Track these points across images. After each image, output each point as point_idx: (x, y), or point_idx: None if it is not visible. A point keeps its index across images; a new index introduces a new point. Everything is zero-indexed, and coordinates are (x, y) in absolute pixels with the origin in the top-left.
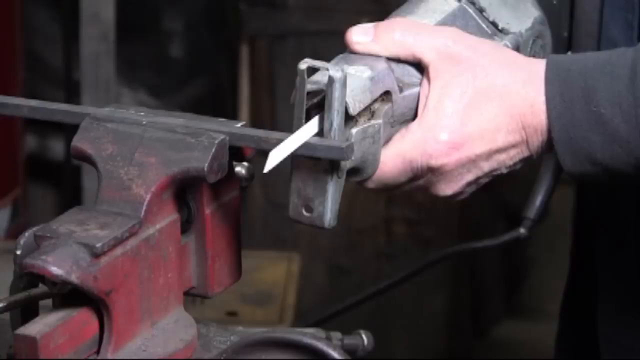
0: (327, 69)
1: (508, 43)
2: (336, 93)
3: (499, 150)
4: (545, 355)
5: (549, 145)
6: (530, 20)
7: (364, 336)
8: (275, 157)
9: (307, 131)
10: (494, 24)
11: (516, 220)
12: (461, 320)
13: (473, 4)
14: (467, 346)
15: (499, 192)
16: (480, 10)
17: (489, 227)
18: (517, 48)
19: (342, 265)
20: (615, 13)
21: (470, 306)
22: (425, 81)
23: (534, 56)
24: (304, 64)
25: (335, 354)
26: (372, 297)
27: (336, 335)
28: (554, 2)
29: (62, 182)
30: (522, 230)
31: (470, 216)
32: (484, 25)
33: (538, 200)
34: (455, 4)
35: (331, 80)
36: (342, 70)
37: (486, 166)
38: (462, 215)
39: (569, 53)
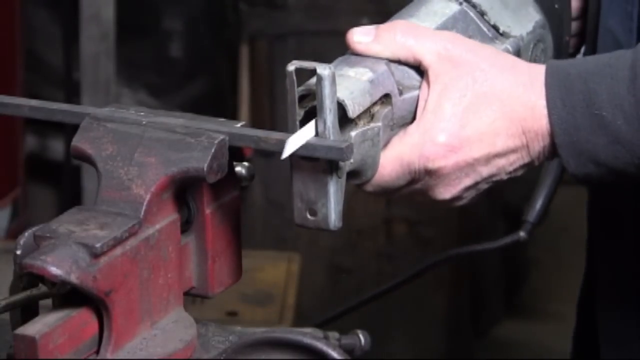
0: (315, 69)
1: (509, 47)
2: (325, 91)
3: (498, 155)
4: (545, 355)
5: (550, 150)
6: (531, 23)
7: (361, 336)
8: (292, 145)
9: (309, 130)
10: (495, 28)
11: (516, 220)
12: (461, 320)
13: (474, 7)
14: (467, 346)
15: (499, 192)
16: (482, 14)
17: (489, 227)
18: (518, 52)
19: (342, 265)
20: (614, 3)
21: (470, 306)
22: (424, 84)
23: (535, 60)
24: (291, 66)
25: (335, 354)
26: (370, 300)
27: (334, 335)
28: (556, 5)
29: (62, 182)
30: (522, 234)
31: (470, 216)
32: (484, 29)
33: (538, 204)
34: (456, 7)
35: (319, 78)
36: (330, 68)
37: (485, 171)
38: (462, 215)
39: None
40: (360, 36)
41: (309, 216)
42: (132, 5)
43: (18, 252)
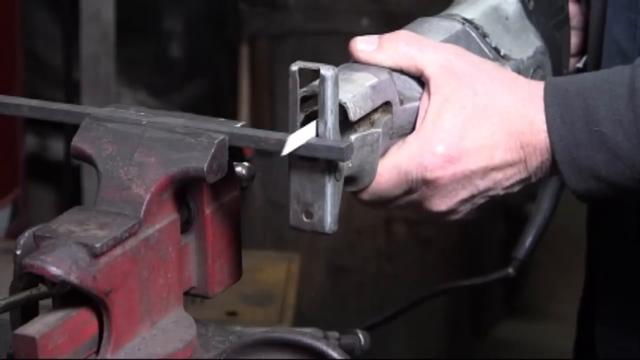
0: (319, 69)
1: (509, 68)
2: (328, 91)
3: (495, 168)
4: (545, 355)
5: (548, 166)
6: (532, 49)
7: (360, 335)
8: (293, 142)
9: (310, 130)
10: (496, 50)
11: (516, 220)
12: (461, 320)
13: (477, 28)
14: (467, 346)
15: None
16: (484, 35)
17: (489, 227)
18: (517, 74)
19: (342, 265)
20: (618, 12)
21: (470, 306)
22: (425, 95)
23: None
24: (295, 66)
25: (335, 354)
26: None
27: (333, 334)
28: (557, 36)
29: (62, 182)
30: (510, 270)
31: None
32: (486, 50)
33: (528, 241)
34: (459, 27)
35: (322, 78)
36: (334, 69)
37: (481, 184)
38: None
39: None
40: (363, 44)
41: (304, 218)
42: (132, 5)
43: (18, 252)
